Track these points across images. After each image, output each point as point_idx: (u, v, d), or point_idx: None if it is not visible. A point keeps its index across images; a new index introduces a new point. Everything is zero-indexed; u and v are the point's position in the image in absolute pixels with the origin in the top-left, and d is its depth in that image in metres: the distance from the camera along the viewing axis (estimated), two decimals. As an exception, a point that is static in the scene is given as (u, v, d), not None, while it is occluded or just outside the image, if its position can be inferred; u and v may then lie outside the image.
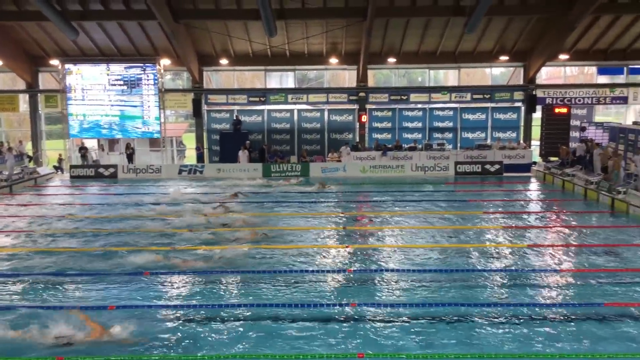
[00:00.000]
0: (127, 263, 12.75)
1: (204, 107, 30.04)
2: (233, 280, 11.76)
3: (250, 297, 10.73)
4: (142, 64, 28.59)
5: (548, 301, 10.58)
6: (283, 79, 31.27)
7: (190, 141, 31.58)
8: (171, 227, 16.34)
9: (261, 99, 29.78)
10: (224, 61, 28.92)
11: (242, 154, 27.91)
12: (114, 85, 28.68)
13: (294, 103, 29.93)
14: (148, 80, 28.65)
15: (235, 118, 29.51)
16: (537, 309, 10.09)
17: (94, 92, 28.75)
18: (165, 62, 28.74)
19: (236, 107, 30.07)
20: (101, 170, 27.90)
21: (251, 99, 29.86)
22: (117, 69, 28.61)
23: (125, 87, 28.74)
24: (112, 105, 28.86)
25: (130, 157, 29.12)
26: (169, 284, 11.57)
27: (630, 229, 16.32)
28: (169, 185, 25.19)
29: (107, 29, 27.03)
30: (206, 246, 14.13)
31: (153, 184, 25.60)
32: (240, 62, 29.42)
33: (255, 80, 31.26)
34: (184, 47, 27.05)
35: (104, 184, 26.13)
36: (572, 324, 9.47)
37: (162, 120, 29.28)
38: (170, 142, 31.27)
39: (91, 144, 30.67)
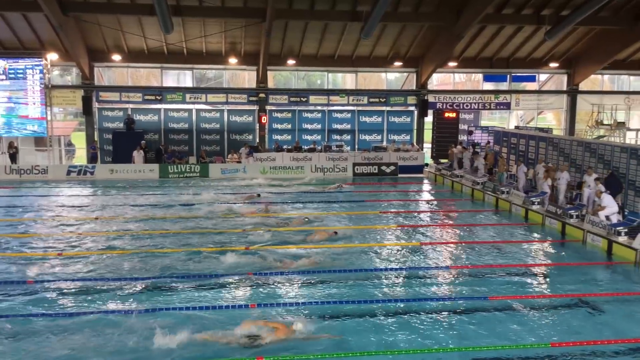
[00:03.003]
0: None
1: (95, 105, 28.63)
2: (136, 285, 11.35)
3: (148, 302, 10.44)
4: (26, 58, 26.76)
5: (437, 296, 11.12)
6: (180, 77, 30.50)
7: (79, 140, 29.94)
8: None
9: (157, 97, 28.87)
10: (116, 57, 27.73)
11: (137, 154, 26.89)
12: (-6, 79, 26.67)
13: (193, 102, 29.30)
14: (33, 75, 26.88)
15: (127, 117, 28.40)
16: (426, 305, 10.57)
17: (-29, 87, 26.58)
18: (52, 56, 27.11)
19: (130, 106, 28.93)
20: (-21, 171, 25.78)
21: (147, 97, 28.85)
22: (-2, 62, 26.64)
23: (7, 83, 26.78)
24: (-8, 101, 26.81)
25: (13, 157, 27.10)
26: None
27: (512, 227, 17.53)
28: (59, 187, 23.85)
29: (-13, 19, 25.09)
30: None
31: (39, 186, 24.07)
32: (134, 58, 28.35)
33: (151, 78, 30.23)
34: (72, 41, 25.63)
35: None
36: (459, 317, 10.03)
37: (49, 118, 27.61)
38: (58, 141, 29.47)
39: (-32, 143, 28.33)
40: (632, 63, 31.34)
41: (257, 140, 29.53)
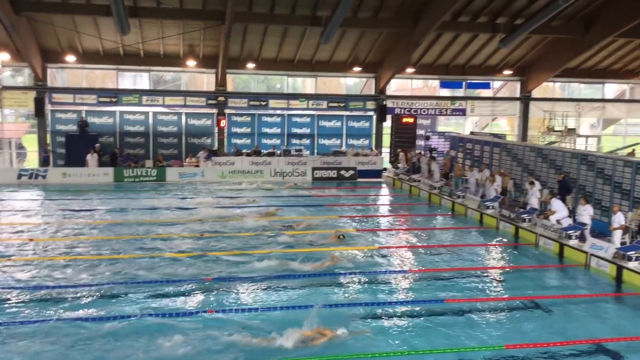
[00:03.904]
0: None
1: (48, 107, 27.83)
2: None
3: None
4: (-26, 58, 25.92)
5: (394, 300, 11.23)
6: (137, 79, 29.97)
7: (31, 143, 29.05)
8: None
9: (113, 99, 28.26)
10: (70, 58, 27.03)
11: (91, 158, 26.23)
12: (-60, 79, 25.65)
13: (149, 105, 28.80)
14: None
15: (81, 119, 27.72)
16: (383, 308, 10.67)
17: None
18: (3, 56, 26.20)
19: (85, 108, 28.23)
20: None
21: (101, 99, 28.22)
22: (-56, 61, 25.63)
23: (-47, 82, 25.85)
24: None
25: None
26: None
27: (467, 230, 17.88)
28: (9, 191, 23.05)
29: None
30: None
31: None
32: (89, 59, 27.70)
33: (107, 80, 29.60)
34: (25, 41, 24.85)
35: None
36: (416, 320, 10.15)
37: (-1, 120, 26.78)
38: (9, 144, 28.52)
39: None
40: (582, 71, 32.45)
41: (216, 144, 29.25)
